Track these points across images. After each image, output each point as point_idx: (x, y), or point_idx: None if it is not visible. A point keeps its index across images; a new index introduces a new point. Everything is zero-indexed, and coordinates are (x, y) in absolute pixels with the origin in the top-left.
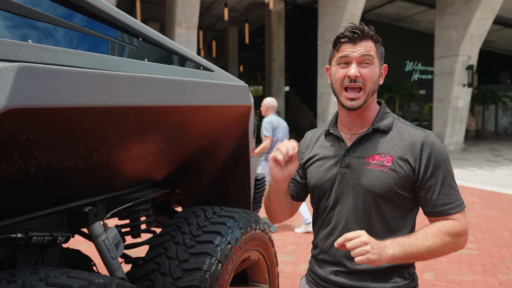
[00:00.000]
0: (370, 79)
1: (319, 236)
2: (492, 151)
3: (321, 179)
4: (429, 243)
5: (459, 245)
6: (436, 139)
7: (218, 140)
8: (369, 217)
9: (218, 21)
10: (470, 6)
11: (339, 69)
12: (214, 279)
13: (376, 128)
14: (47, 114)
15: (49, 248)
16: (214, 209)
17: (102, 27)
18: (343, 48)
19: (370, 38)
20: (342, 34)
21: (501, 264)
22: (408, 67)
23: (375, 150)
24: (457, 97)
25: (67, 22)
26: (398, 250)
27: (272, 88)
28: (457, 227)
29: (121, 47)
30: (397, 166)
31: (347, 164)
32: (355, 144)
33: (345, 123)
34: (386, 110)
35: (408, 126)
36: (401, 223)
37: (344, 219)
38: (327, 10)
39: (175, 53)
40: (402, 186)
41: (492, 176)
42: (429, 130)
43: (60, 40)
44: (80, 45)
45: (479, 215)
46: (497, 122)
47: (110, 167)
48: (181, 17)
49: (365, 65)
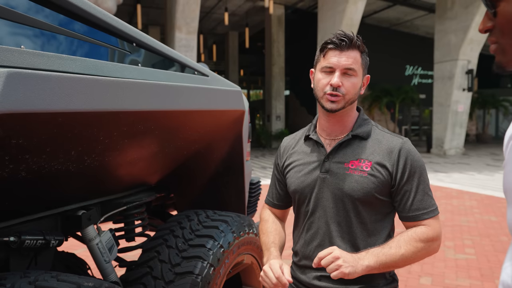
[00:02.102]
0: (351, 90)
1: (300, 242)
2: (492, 155)
3: (301, 184)
4: (402, 251)
5: (432, 250)
6: (413, 147)
7: (211, 144)
8: (349, 221)
9: (219, 26)
10: (469, 11)
11: (323, 76)
12: (206, 282)
13: (355, 134)
14: (37, 119)
15: (42, 251)
16: (207, 213)
17: (96, 32)
18: (329, 55)
19: (356, 48)
20: (330, 40)
21: (498, 269)
22: (408, 71)
23: (354, 155)
24: (457, 101)
25: (60, 28)
26: (373, 260)
27: (272, 92)
28: (428, 233)
29: (115, 52)
30: (375, 171)
31: (327, 169)
32: (335, 150)
33: (325, 128)
34: (365, 117)
35: (386, 133)
36: (379, 226)
37: (325, 223)
38: (326, 14)
39: (169, 58)
40: (380, 190)
41: (492, 180)
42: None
43: (53, 45)
44: (73, 51)
45: (477, 220)
46: (497, 127)
47: (103, 171)
48: (181, 21)
49: (348, 76)
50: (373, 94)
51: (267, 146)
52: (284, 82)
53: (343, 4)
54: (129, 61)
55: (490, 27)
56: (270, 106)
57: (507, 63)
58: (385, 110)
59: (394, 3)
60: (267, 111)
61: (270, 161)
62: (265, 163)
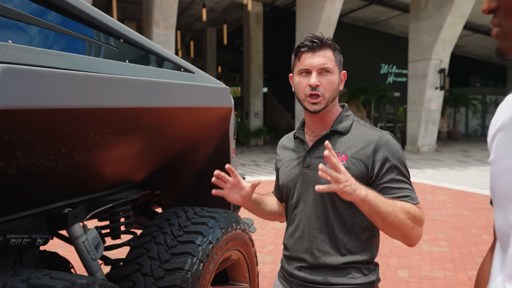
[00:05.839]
0: (329, 87)
1: (286, 234)
2: (463, 152)
3: (287, 179)
4: (396, 209)
5: (415, 232)
6: (391, 139)
7: (199, 141)
8: (327, 213)
9: (196, 22)
10: (441, 12)
11: (301, 79)
12: (196, 278)
13: (334, 130)
14: (31, 116)
15: (27, 250)
16: (195, 209)
17: (84, 28)
18: (304, 57)
19: (328, 47)
20: (302, 44)
21: (470, 260)
22: (383, 69)
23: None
24: (430, 99)
25: (48, 23)
26: (371, 196)
27: (250, 89)
28: (419, 212)
29: (103, 48)
30: (350, 164)
31: (308, 164)
32: (315, 145)
33: (310, 126)
34: (348, 113)
35: (366, 127)
36: (359, 219)
37: (306, 216)
38: (304, 12)
39: (156, 54)
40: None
41: (462, 176)
42: (386, 130)
43: (41, 41)
44: (62, 46)
45: (450, 214)
46: (467, 124)
47: (91, 168)
48: (159, 17)
49: (324, 74)
50: (350, 92)
51: (245, 143)
52: (262, 79)
53: (321, 3)
54: (116, 57)
55: (494, 7)
56: (248, 104)
57: (508, 49)
58: (361, 108)
59: (370, 3)
60: (246, 108)
61: (249, 159)
62: (244, 160)
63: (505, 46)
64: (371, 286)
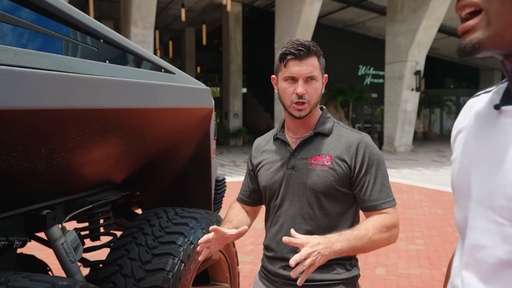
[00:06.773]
0: (314, 94)
1: (269, 235)
2: (438, 152)
3: (270, 180)
4: (370, 234)
5: (394, 236)
6: (371, 141)
7: (179, 142)
8: (313, 213)
9: (175, 21)
10: (417, 15)
11: (287, 86)
12: (177, 279)
13: (317, 132)
14: (11, 116)
15: (4, 253)
16: (176, 210)
17: (63, 28)
18: (290, 65)
19: (314, 54)
20: (288, 51)
21: (444, 258)
22: (361, 71)
23: (317, 151)
24: (406, 100)
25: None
26: (345, 244)
27: (229, 90)
28: (390, 219)
29: (83, 48)
30: (335, 165)
31: (292, 165)
32: (299, 147)
33: (292, 128)
34: (328, 115)
35: (346, 129)
36: (343, 218)
37: (290, 217)
38: (283, 14)
39: (137, 55)
40: (340, 183)
41: (437, 175)
42: (364, 131)
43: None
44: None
45: (426, 213)
46: (442, 125)
47: (71, 169)
48: (137, 16)
49: (310, 81)
50: (329, 93)
51: (224, 144)
52: (241, 79)
53: (300, 5)
54: (97, 58)
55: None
56: (227, 104)
57: (485, 40)
58: (339, 109)
59: (348, 5)
60: (225, 108)
61: (228, 159)
62: (223, 161)
63: (482, 36)
64: (354, 281)
